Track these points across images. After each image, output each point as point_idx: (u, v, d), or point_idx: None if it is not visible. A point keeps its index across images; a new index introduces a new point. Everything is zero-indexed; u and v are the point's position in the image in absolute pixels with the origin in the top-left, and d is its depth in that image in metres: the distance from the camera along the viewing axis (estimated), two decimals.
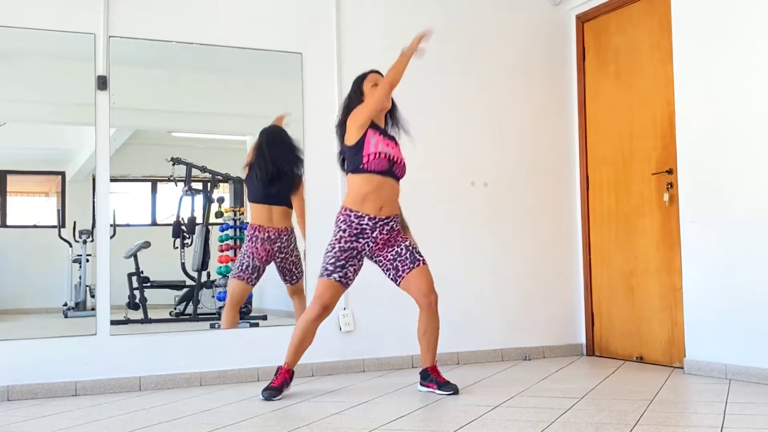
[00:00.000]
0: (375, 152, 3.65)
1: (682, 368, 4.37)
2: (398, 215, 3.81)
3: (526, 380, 4.11)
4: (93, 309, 4.14)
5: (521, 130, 5.17)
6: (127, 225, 4.40)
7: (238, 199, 4.64)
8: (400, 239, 3.78)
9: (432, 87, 4.93)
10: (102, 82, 4.15)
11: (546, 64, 5.28)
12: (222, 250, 4.60)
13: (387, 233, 3.73)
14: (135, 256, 4.40)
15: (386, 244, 3.75)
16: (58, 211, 4.43)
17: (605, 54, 5.09)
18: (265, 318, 4.58)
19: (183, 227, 4.57)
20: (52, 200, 4.49)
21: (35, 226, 4.41)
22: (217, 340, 4.35)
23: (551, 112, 5.27)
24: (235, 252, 4.57)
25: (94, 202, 4.16)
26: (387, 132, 3.85)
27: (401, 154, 3.79)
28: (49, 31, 4.07)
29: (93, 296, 4.22)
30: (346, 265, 3.69)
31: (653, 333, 4.66)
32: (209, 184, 4.61)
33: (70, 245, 4.34)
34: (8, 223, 4.36)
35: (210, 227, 4.60)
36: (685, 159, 4.36)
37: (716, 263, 4.15)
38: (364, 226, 3.68)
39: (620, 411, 3.18)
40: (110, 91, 4.18)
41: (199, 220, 4.59)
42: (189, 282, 4.56)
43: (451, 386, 3.71)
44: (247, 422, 3.15)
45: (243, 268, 4.42)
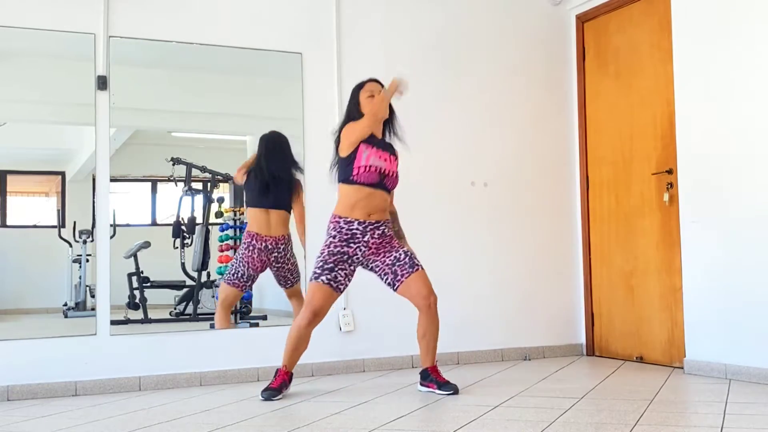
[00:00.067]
0: (365, 165, 3.67)
1: (682, 368, 4.37)
2: (389, 220, 3.81)
3: (526, 380, 4.11)
4: (93, 309, 4.14)
5: (521, 130, 5.17)
6: (127, 225, 4.40)
7: (238, 199, 4.64)
8: (397, 245, 3.78)
9: (432, 87, 4.93)
10: (102, 82, 4.16)
11: (546, 64, 5.28)
12: (222, 250, 4.59)
13: (379, 237, 3.73)
14: (135, 256, 4.40)
15: (381, 249, 3.74)
16: (58, 211, 4.43)
17: (605, 54, 5.09)
18: (265, 318, 4.59)
19: (183, 227, 4.57)
20: (52, 200, 4.48)
21: (35, 226, 4.41)
22: (217, 340, 4.35)
23: (551, 112, 5.27)
24: (235, 252, 4.57)
25: (94, 202, 4.16)
26: (384, 141, 3.84)
27: (394, 166, 3.78)
28: (49, 31, 4.07)
29: (93, 296, 4.22)
30: (335, 269, 3.69)
31: (653, 333, 4.66)
32: (209, 184, 4.61)
33: (70, 245, 4.34)
34: (8, 223, 4.36)
35: (210, 227, 4.60)
36: (685, 159, 4.36)
37: (716, 263, 4.15)
38: (354, 231, 3.69)
39: (620, 411, 3.18)
40: (110, 91, 4.18)
41: (199, 220, 4.59)
42: (189, 282, 4.56)
43: (451, 386, 3.72)
44: (247, 422, 3.15)
45: (238, 276, 4.41)
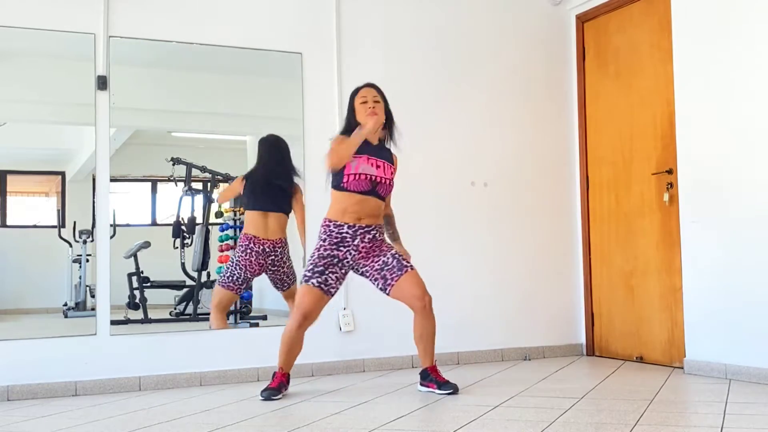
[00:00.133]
0: (355, 173, 3.67)
1: (682, 368, 4.37)
2: (381, 225, 3.81)
3: (526, 380, 4.11)
4: (93, 309, 4.14)
5: (521, 130, 5.17)
6: (127, 225, 4.40)
7: (238, 199, 4.63)
8: (386, 249, 3.78)
9: (432, 87, 4.93)
10: (102, 82, 4.16)
11: (546, 64, 5.28)
12: (222, 250, 4.59)
13: (369, 242, 3.73)
14: (135, 256, 4.40)
15: (371, 253, 3.75)
16: (58, 211, 4.43)
17: (605, 54, 5.09)
18: (265, 318, 4.59)
19: (183, 227, 4.56)
20: (52, 200, 4.48)
21: (35, 226, 4.41)
22: (217, 340, 4.35)
23: (551, 112, 5.27)
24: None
25: (94, 202, 4.16)
26: (380, 147, 3.81)
27: (388, 173, 3.77)
28: (49, 31, 4.07)
29: (93, 296, 4.22)
30: (325, 272, 3.69)
31: (653, 333, 4.66)
32: (209, 184, 4.61)
33: (70, 245, 4.34)
34: (8, 223, 4.36)
35: (210, 227, 4.60)
36: (685, 159, 4.36)
37: (716, 263, 4.15)
38: (344, 234, 3.69)
39: (620, 411, 3.18)
40: (110, 91, 4.18)
41: (199, 220, 4.59)
42: (189, 282, 4.55)
43: (450, 385, 3.72)
44: (247, 422, 3.15)
45: (234, 279, 4.41)
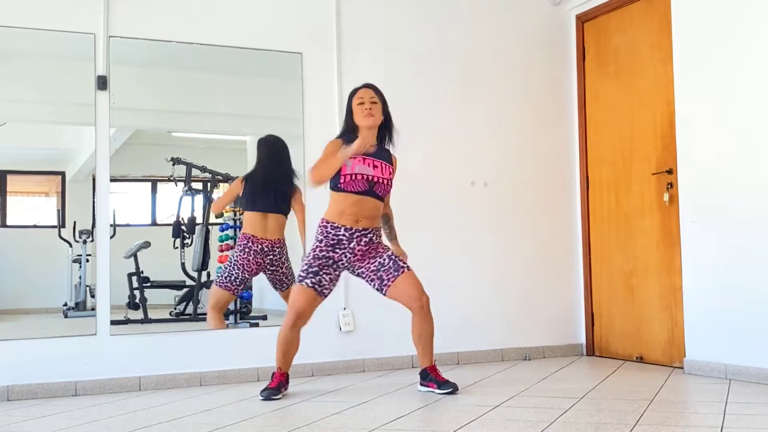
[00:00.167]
0: (351, 173, 3.67)
1: (682, 368, 4.37)
2: (378, 228, 3.81)
3: (526, 380, 4.11)
4: (93, 309, 4.14)
5: (521, 130, 5.17)
6: (127, 225, 4.40)
7: (238, 199, 4.63)
8: (382, 250, 3.78)
9: (432, 87, 4.93)
10: (102, 82, 4.16)
11: (546, 65, 5.28)
12: (222, 250, 4.59)
13: (365, 245, 3.73)
14: (135, 256, 4.40)
15: (366, 255, 3.75)
16: (58, 211, 4.43)
17: (605, 54, 5.09)
18: (265, 318, 4.58)
19: (183, 227, 4.56)
20: (52, 200, 4.48)
21: (35, 226, 4.41)
22: (217, 340, 4.35)
23: (551, 112, 5.27)
24: None
25: (94, 202, 4.16)
26: (378, 148, 3.80)
27: (386, 173, 3.76)
28: (49, 31, 4.07)
29: (93, 296, 4.22)
30: (320, 273, 3.70)
31: (653, 333, 4.66)
32: (209, 184, 4.61)
33: (70, 245, 4.34)
34: (8, 223, 4.36)
35: (210, 227, 4.60)
36: (685, 159, 4.36)
37: (716, 263, 4.15)
38: (340, 237, 3.70)
39: (620, 411, 3.18)
40: (110, 91, 4.18)
41: (199, 220, 4.59)
42: (189, 282, 4.55)
43: (450, 384, 3.72)
44: (247, 422, 3.15)
45: (231, 279, 4.40)
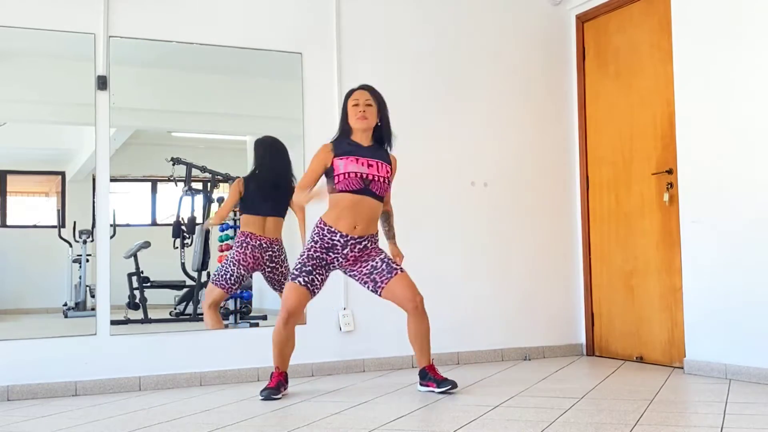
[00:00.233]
0: (344, 173, 3.69)
1: (682, 368, 4.37)
2: (374, 234, 3.82)
3: (526, 380, 4.11)
4: (93, 309, 4.14)
5: (521, 130, 5.17)
6: (127, 225, 4.40)
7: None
8: (374, 254, 3.80)
9: (432, 87, 4.92)
10: (102, 82, 4.15)
11: (546, 65, 5.28)
12: (222, 250, 4.59)
13: (359, 252, 3.76)
14: (135, 256, 4.40)
15: (358, 260, 3.78)
16: (58, 211, 4.43)
17: (605, 54, 5.09)
18: (265, 318, 4.58)
19: (183, 227, 4.56)
20: (52, 200, 4.48)
21: (35, 226, 4.41)
22: (217, 340, 4.35)
23: (551, 111, 5.27)
24: None
25: (94, 202, 4.16)
26: (373, 148, 3.80)
27: (383, 172, 3.76)
28: (49, 31, 4.07)
29: (93, 296, 4.22)
30: (313, 272, 3.72)
31: (653, 333, 4.66)
32: (209, 184, 4.61)
33: (70, 245, 4.34)
34: (8, 223, 4.36)
35: (210, 227, 4.60)
36: (685, 159, 4.36)
37: (716, 263, 4.15)
38: (335, 242, 3.72)
39: (620, 411, 3.18)
40: (110, 91, 4.18)
41: (199, 220, 4.59)
42: (189, 282, 4.55)
43: (449, 382, 3.72)
44: (247, 422, 3.15)
45: (226, 277, 4.40)
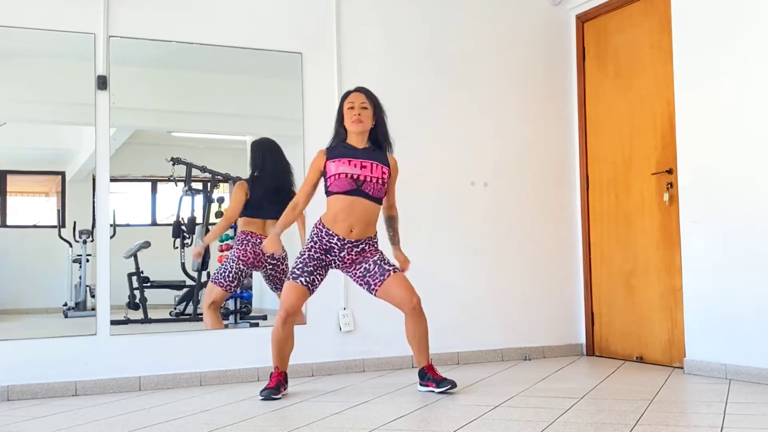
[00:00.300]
0: (335, 174, 3.72)
1: (682, 368, 4.37)
2: (372, 236, 3.82)
3: (526, 380, 4.11)
4: (93, 309, 4.14)
5: (521, 129, 5.17)
6: (127, 225, 4.40)
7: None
8: (369, 256, 3.81)
9: (432, 87, 4.92)
10: (102, 82, 4.15)
11: (546, 64, 5.28)
12: (222, 250, 4.59)
13: (356, 254, 3.79)
14: (135, 256, 4.40)
15: (354, 262, 3.81)
16: (58, 211, 4.43)
17: (605, 54, 5.09)
18: (265, 318, 4.58)
19: (183, 227, 4.56)
20: (52, 200, 4.48)
21: (35, 226, 4.41)
22: (217, 340, 4.35)
23: (551, 111, 5.27)
24: None
25: (94, 202, 4.16)
26: (368, 150, 3.81)
27: (377, 173, 3.76)
28: (49, 31, 4.07)
29: (93, 296, 4.22)
30: (314, 273, 3.75)
31: (653, 333, 4.66)
32: (209, 184, 4.61)
33: (70, 245, 4.34)
34: (8, 223, 4.36)
35: (210, 227, 4.60)
36: (685, 159, 4.36)
37: (716, 263, 4.15)
38: (333, 245, 3.74)
39: (620, 411, 3.18)
40: (110, 91, 4.18)
41: (199, 220, 4.59)
42: (189, 282, 4.55)
43: (448, 381, 3.72)
44: (247, 422, 3.15)
45: (225, 275, 4.41)
